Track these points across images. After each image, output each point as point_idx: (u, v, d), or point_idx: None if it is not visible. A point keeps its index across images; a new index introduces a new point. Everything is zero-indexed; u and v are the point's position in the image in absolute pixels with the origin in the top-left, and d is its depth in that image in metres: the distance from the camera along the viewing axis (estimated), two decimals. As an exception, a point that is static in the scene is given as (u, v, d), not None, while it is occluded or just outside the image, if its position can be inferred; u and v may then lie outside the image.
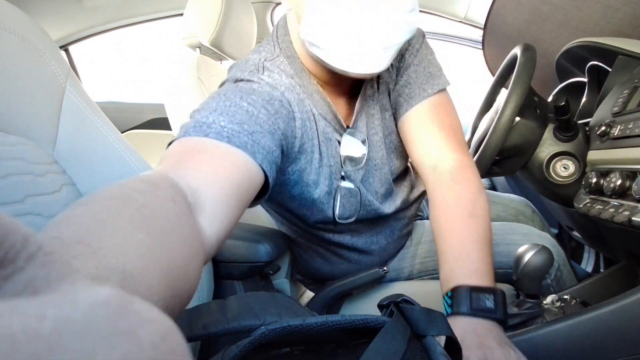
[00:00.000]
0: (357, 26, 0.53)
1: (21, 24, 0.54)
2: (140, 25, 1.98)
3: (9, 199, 0.47)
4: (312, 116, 0.63)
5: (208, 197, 0.38)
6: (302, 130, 0.61)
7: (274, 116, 0.55)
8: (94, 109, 0.60)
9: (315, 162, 0.64)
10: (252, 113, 0.52)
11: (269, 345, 0.34)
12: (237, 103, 0.52)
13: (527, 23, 1.09)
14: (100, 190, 0.27)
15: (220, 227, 0.39)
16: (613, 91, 0.76)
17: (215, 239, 0.38)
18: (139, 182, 0.29)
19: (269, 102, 0.55)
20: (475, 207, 0.62)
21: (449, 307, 0.58)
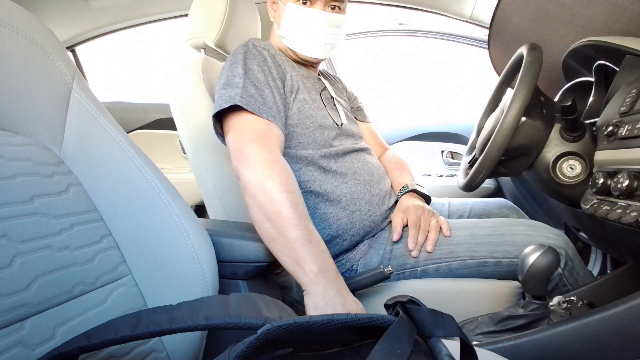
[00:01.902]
0: (311, 30, 0.95)
1: (29, 25, 0.54)
2: (146, 26, 1.99)
3: (16, 199, 0.47)
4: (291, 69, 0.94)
5: None
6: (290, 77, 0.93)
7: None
8: (100, 109, 0.61)
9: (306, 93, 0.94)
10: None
11: (274, 343, 0.34)
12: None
13: (533, 22, 1.09)
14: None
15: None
16: (620, 91, 0.75)
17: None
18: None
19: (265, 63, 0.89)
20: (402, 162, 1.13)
21: (402, 193, 1.01)
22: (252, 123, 0.80)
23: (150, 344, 0.56)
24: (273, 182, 0.72)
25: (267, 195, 0.71)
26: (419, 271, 0.87)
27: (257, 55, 0.89)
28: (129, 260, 0.59)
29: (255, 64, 0.87)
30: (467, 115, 1.98)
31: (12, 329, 0.42)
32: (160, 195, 0.60)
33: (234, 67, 0.86)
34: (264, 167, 0.73)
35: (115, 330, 0.36)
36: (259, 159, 0.74)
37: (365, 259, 0.91)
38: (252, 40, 0.94)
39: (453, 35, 1.75)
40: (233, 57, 0.89)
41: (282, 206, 0.70)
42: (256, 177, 0.73)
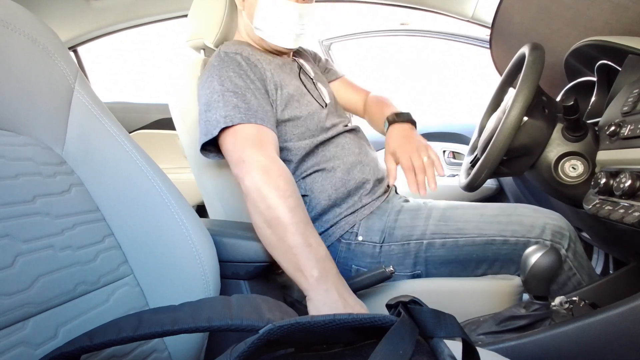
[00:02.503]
0: (284, 22, 0.94)
1: (31, 25, 0.55)
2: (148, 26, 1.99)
3: (18, 199, 0.47)
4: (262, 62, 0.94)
5: None
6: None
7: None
8: (102, 109, 0.61)
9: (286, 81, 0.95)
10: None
11: (276, 343, 0.34)
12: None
13: (535, 22, 1.08)
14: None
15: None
16: (623, 90, 0.75)
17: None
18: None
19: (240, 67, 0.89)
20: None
21: (385, 128, 1.01)
22: (243, 131, 0.81)
23: (152, 344, 0.57)
24: (270, 189, 0.73)
25: (266, 202, 0.72)
26: (424, 244, 0.88)
27: (231, 63, 0.89)
28: (131, 260, 0.59)
29: (231, 71, 0.87)
30: (468, 115, 1.97)
31: (15, 329, 0.43)
32: (162, 195, 0.60)
33: (210, 82, 0.87)
34: (261, 174, 0.74)
35: (118, 330, 0.36)
36: (256, 165, 0.75)
37: (368, 223, 0.92)
38: (223, 48, 0.94)
39: (455, 35, 1.75)
40: (208, 72, 0.90)
41: (280, 212, 0.71)
42: (254, 184, 0.74)
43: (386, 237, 0.90)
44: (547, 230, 0.84)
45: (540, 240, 0.83)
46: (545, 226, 0.84)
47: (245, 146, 0.78)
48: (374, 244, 0.90)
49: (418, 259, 0.89)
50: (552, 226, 0.84)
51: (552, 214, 0.87)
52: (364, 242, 0.91)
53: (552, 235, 0.83)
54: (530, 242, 0.83)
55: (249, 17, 0.97)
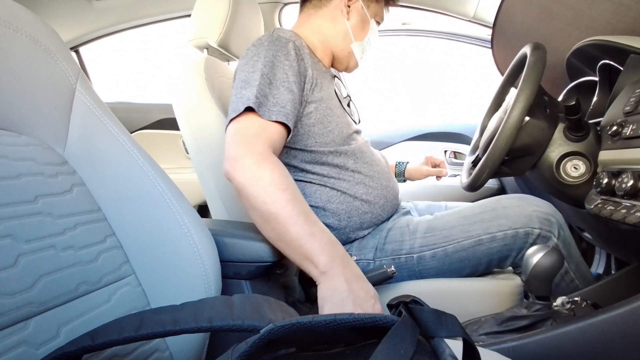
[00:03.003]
0: (370, 51, 1.05)
1: (33, 25, 0.55)
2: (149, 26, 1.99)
3: (20, 199, 0.47)
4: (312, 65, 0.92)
5: None
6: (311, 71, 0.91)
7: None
8: (104, 110, 0.61)
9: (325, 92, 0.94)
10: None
11: (277, 343, 0.34)
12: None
13: (536, 22, 1.08)
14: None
15: None
16: (625, 90, 0.75)
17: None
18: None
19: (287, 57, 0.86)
20: None
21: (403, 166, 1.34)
22: (254, 124, 0.77)
23: (154, 344, 0.57)
24: (264, 184, 0.70)
25: (261, 198, 0.69)
26: (415, 258, 0.88)
27: (281, 48, 0.85)
28: (133, 260, 0.59)
29: (277, 59, 0.84)
30: (470, 115, 1.97)
31: (17, 328, 0.43)
32: (164, 195, 0.60)
33: (256, 62, 0.83)
34: (255, 168, 0.71)
35: (119, 330, 0.36)
36: (249, 160, 0.71)
37: (362, 242, 0.93)
38: (277, 31, 0.90)
39: (456, 35, 1.75)
40: (255, 49, 0.86)
41: (277, 207, 0.69)
42: (248, 180, 0.70)
43: (378, 253, 0.91)
44: (535, 218, 0.84)
45: (529, 229, 0.83)
46: (532, 214, 0.85)
47: (241, 142, 0.74)
48: (368, 261, 0.91)
49: (412, 273, 0.89)
50: (539, 213, 0.85)
51: (538, 201, 0.89)
52: (359, 260, 0.92)
53: (540, 223, 0.84)
54: (518, 232, 0.83)
55: (355, 31, 1.00)
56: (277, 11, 1.82)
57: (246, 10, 1.12)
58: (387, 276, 0.80)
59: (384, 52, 3.19)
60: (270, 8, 1.78)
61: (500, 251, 0.85)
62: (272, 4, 1.78)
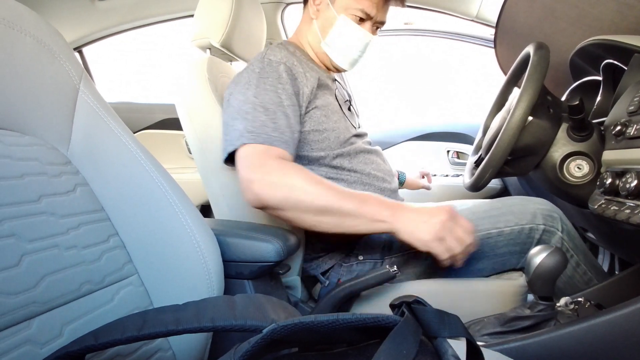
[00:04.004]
0: (351, 47, 0.97)
1: (36, 26, 0.55)
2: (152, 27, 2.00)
3: (24, 199, 0.47)
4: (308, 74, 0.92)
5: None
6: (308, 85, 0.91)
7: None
8: (107, 110, 0.61)
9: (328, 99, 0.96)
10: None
11: (279, 343, 0.34)
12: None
13: (540, 21, 1.08)
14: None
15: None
16: (629, 90, 0.74)
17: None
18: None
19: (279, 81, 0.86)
20: None
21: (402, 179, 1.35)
22: (261, 153, 0.79)
23: (156, 343, 0.57)
24: (298, 186, 0.74)
25: (306, 198, 0.73)
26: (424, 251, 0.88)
27: (272, 73, 0.86)
28: (135, 260, 0.59)
29: (269, 84, 0.85)
30: (472, 115, 1.97)
31: (20, 327, 0.43)
32: (166, 195, 0.61)
33: (246, 90, 0.85)
34: (282, 178, 0.74)
35: (122, 330, 0.36)
36: (272, 177, 0.75)
37: (368, 242, 0.93)
38: (268, 54, 0.90)
39: (459, 34, 1.75)
40: (247, 75, 0.87)
41: (324, 198, 0.73)
42: (281, 193, 0.74)
43: (386, 252, 0.91)
44: (539, 215, 0.87)
45: (534, 225, 0.86)
46: (536, 211, 0.87)
47: (250, 165, 0.77)
48: (375, 261, 0.91)
49: (419, 267, 0.89)
50: (542, 210, 0.88)
51: (539, 200, 0.92)
52: (365, 260, 0.92)
53: (544, 219, 0.87)
54: (524, 228, 0.86)
55: (321, 30, 0.97)
56: (279, 11, 1.82)
57: (249, 11, 1.12)
58: (390, 276, 0.80)
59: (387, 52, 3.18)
60: (272, 8, 1.78)
61: (507, 247, 0.87)
62: (275, 4, 1.79)
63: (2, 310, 0.41)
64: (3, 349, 0.41)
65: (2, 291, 0.42)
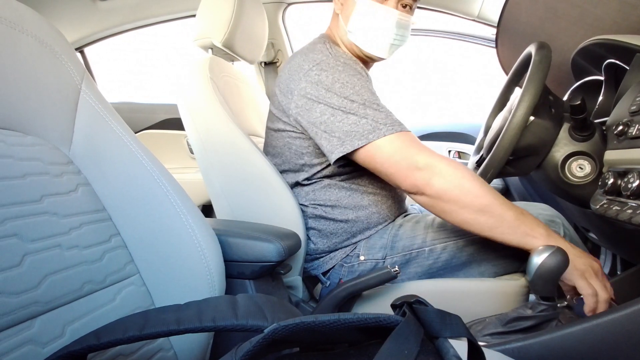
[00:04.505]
0: (379, 30, 0.91)
1: (39, 26, 0.55)
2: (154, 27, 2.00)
3: (26, 199, 0.48)
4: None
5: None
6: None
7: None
8: (108, 110, 0.61)
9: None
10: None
11: (281, 342, 0.34)
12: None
13: (541, 21, 1.08)
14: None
15: None
16: (631, 89, 0.74)
17: None
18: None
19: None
20: None
21: None
22: (402, 138, 0.79)
23: (158, 343, 0.57)
24: (469, 180, 0.74)
25: (472, 193, 0.73)
26: (426, 251, 0.89)
27: (351, 69, 0.86)
28: (137, 260, 0.59)
29: (357, 79, 0.84)
30: (474, 115, 1.97)
31: (23, 327, 0.43)
32: (168, 195, 0.61)
33: (343, 87, 0.83)
34: (453, 170, 0.75)
35: (124, 329, 0.36)
36: (442, 165, 0.75)
37: (369, 242, 0.93)
38: (334, 53, 0.89)
39: (460, 34, 1.74)
40: (333, 73, 0.84)
41: (489, 197, 0.73)
42: (451, 183, 0.74)
43: (388, 252, 0.91)
44: (540, 220, 0.85)
45: None
46: (538, 217, 0.86)
47: (414, 151, 0.77)
48: (377, 260, 0.91)
49: (422, 268, 0.89)
50: (544, 216, 0.88)
51: (542, 205, 0.92)
52: (367, 260, 0.92)
53: (545, 224, 0.85)
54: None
55: (345, 20, 0.94)
56: (280, 11, 1.82)
57: (251, 11, 1.12)
58: (391, 276, 0.80)
59: (388, 52, 3.17)
60: (274, 8, 1.79)
61: (509, 249, 0.86)
62: (276, 4, 1.79)
63: (4, 310, 0.41)
64: (5, 349, 0.41)
65: (4, 291, 0.42)
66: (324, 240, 0.94)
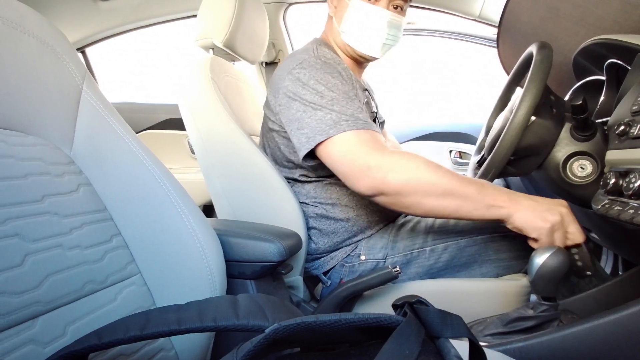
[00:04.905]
0: (371, 29, 0.93)
1: (40, 27, 0.55)
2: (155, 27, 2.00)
3: (27, 199, 0.48)
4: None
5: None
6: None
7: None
8: (109, 110, 0.61)
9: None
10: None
11: (282, 343, 0.34)
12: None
13: (543, 20, 1.07)
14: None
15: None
16: (632, 89, 0.74)
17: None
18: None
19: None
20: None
21: None
22: (360, 137, 0.78)
23: (159, 343, 0.57)
24: (424, 169, 0.74)
25: (430, 181, 0.73)
26: (427, 251, 0.89)
27: (332, 70, 0.87)
28: (138, 260, 0.59)
29: (337, 78, 0.85)
30: (475, 115, 1.96)
31: (24, 327, 0.43)
32: (169, 195, 0.61)
33: (317, 83, 0.83)
34: (405, 162, 0.74)
35: (125, 329, 0.36)
36: (394, 160, 0.75)
37: (369, 242, 0.93)
38: (320, 54, 0.90)
39: (462, 34, 1.74)
40: (310, 71, 0.85)
41: (446, 181, 0.73)
42: (406, 176, 0.73)
43: (389, 252, 0.91)
44: None
45: None
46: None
47: (366, 150, 0.76)
48: (378, 260, 0.91)
49: (423, 268, 0.89)
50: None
51: None
52: (368, 260, 0.92)
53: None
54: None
55: (339, 21, 0.96)
56: (281, 11, 1.82)
57: (252, 11, 1.12)
58: (392, 276, 0.80)
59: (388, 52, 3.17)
60: (275, 8, 1.79)
61: (510, 251, 0.86)
62: (277, 4, 1.79)
63: (6, 310, 0.41)
64: (7, 349, 0.41)
65: (6, 291, 0.42)
66: (325, 239, 0.94)
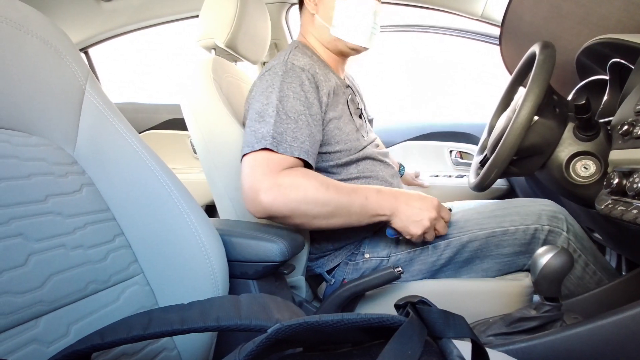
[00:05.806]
0: (362, 20, 0.95)
1: (43, 27, 0.55)
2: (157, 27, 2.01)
3: (31, 199, 0.48)
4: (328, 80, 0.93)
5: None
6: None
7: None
8: (112, 110, 0.61)
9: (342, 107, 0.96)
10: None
11: (284, 342, 0.34)
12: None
13: (546, 20, 1.07)
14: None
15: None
16: (636, 89, 0.74)
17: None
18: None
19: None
20: None
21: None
22: (275, 162, 0.78)
23: (162, 342, 0.57)
24: (312, 191, 0.76)
25: (318, 203, 0.76)
26: (430, 248, 0.89)
27: (295, 79, 0.86)
28: (141, 259, 0.59)
29: (292, 90, 0.84)
30: (477, 114, 1.96)
31: (27, 327, 0.43)
32: (172, 195, 0.61)
33: (270, 94, 0.84)
34: (295, 186, 0.76)
35: (128, 329, 0.36)
36: (283, 183, 0.76)
37: (372, 241, 0.94)
38: (291, 59, 0.89)
39: (464, 31, 1.74)
40: (270, 79, 0.87)
41: (334, 199, 0.77)
42: (295, 200, 0.75)
43: (392, 250, 0.92)
44: (543, 216, 0.88)
45: (538, 226, 0.87)
46: (541, 212, 0.88)
47: (260, 171, 0.77)
48: (381, 258, 0.92)
49: (425, 266, 0.89)
50: (547, 212, 0.88)
51: (545, 201, 0.93)
52: (371, 258, 0.92)
53: (549, 220, 0.87)
54: (529, 228, 0.87)
55: (326, 19, 0.97)
56: (284, 11, 1.82)
57: (254, 11, 1.12)
58: (394, 276, 0.80)
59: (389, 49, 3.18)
60: (277, 8, 1.79)
61: (512, 247, 0.87)
62: (279, 4, 1.79)
63: (9, 310, 0.42)
64: (10, 348, 0.41)
65: (9, 290, 0.42)
66: (329, 238, 0.94)
